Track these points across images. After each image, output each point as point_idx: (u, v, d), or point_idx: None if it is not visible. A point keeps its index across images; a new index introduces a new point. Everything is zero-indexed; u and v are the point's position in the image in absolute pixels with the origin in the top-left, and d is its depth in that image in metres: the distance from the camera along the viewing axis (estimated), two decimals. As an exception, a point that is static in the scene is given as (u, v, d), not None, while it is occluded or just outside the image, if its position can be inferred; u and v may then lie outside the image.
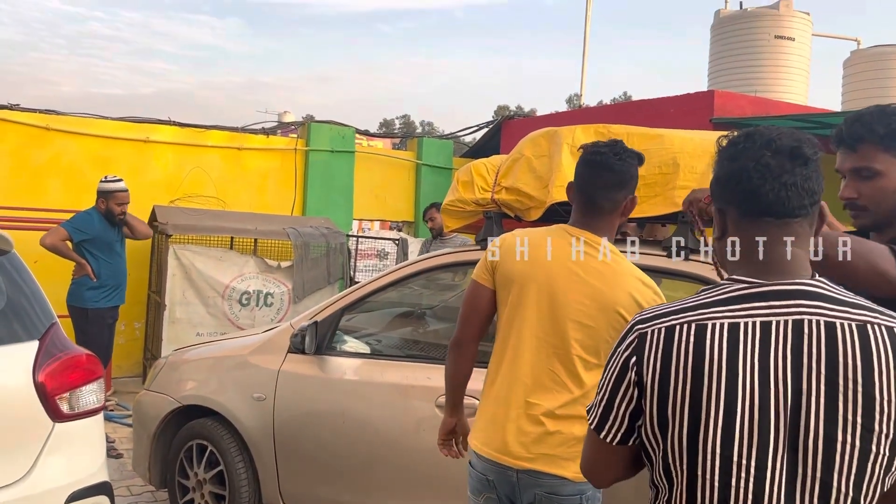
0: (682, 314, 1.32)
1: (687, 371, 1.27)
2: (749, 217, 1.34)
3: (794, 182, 1.30)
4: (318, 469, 3.46)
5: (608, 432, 1.38)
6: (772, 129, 1.36)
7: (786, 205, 1.30)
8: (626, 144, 2.97)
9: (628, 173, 2.26)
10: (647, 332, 1.33)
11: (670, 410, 1.28)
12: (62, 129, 6.99)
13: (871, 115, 1.95)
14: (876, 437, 1.22)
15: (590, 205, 2.26)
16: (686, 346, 1.28)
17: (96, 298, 5.38)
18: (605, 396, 1.38)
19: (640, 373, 1.32)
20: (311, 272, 6.85)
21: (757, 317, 1.27)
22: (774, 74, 9.02)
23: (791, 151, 1.31)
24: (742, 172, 1.32)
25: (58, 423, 2.59)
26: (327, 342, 3.55)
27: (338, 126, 8.55)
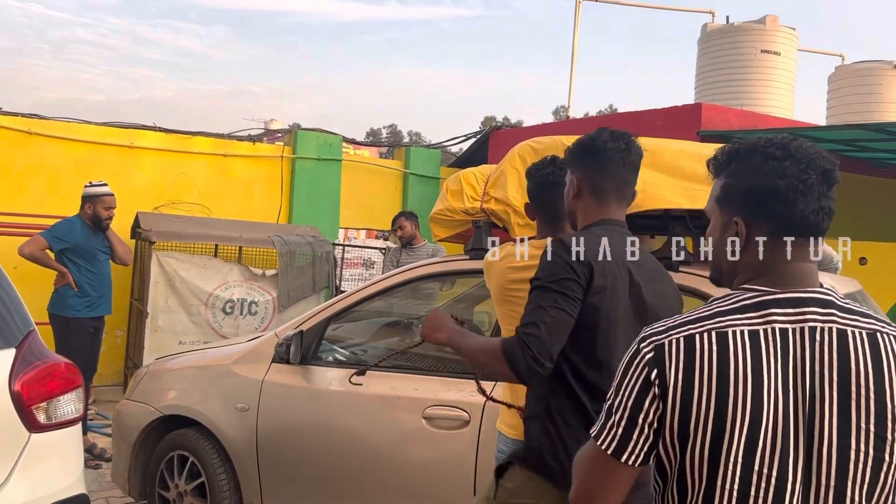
0: (700, 323, 1.29)
1: (712, 380, 1.24)
2: (782, 234, 1.32)
3: (828, 206, 1.31)
4: (303, 482, 3.40)
5: (630, 453, 1.30)
6: (807, 146, 1.33)
7: (819, 227, 1.32)
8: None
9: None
10: (663, 342, 1.29)
11: (693, 421, 1.24)
12: (45, 133, 6.91)
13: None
14: (888, 445, 1.22)
15: (556, 216, 2.42)
16: (709, 354, 1.25)
17: (78, 307, 5.27)
18: (625, 414, 1.31)
19: (664, 385, 1.27)
20: (296, 281, 6.78)
21: (776, 323, 1.26)
22: (760, 88, 9.08)
23: (825, 174, 1.31)
24: (788, 192, 1.29)
25: (34, 434, 2.52)
26: (312, 352, 3.50)
27: (325, 134, 8.51)
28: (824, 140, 6.60)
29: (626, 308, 2.04)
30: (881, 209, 7.66)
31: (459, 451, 2.99)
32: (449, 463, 2.99)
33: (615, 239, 2.08)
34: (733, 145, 1.41)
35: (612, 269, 2.02)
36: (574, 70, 9.80)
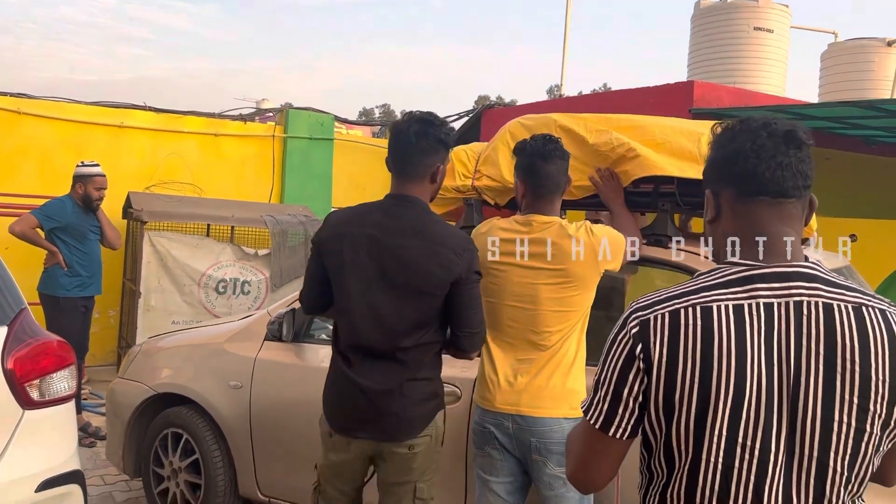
0: (684, 298, 1.31)
1: (696, 354, 1.26)
2: (745, 197, 1.34)
3: (788, 163, 1.32)
4: (296, 458, 3.43)
5: (617, 427, 1.34)
6: (767, 116, 1.37)
7: (781, 184, 1.32)
8: (606, 131, 2.99)
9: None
10: (649, 318, 1.32)
11: (678, 395, 1.27)
12: (34, 113, 6.85)
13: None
14: (870, 417, 1.24)
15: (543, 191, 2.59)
16: (693, 328, 1.27)
17: (68, 287, 5.26)
18: (611, 388, 1.34)
19: (648, 360, 1.29)
20: (288, 260, 6.78)
21: (760, 298, 1.28)
22: (753, 66, 9.06)
23: (786, 135, 1.33)
24: (739, 153, 1.33)
25: (28, 411, 2.53)
26: (305, 329, 3.52)
27: (316, 113, 8.47)
28: (816, 118, 6.60)
29: (362, 266, 2.36)
30: (872, 186, 7.69)
31: (450, 426, 3.02)
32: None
33: (368, 209, 2.45)
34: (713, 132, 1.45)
35: (349, 234, 2.39)
36: (567, 49, 9.76)
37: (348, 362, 2.41)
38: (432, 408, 2.45)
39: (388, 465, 2.44)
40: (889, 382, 1.24)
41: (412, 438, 2.40)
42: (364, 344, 2.38)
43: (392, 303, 2.34)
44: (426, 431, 2.43)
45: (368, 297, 2.36)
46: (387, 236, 2.36)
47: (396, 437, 2.39)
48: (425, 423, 2.42)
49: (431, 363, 2.45)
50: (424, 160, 2.42)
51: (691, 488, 1.28)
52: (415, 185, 2.44)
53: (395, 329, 2.34)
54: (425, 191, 2.47)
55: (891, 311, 1.30)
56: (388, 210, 2.42)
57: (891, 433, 1.27)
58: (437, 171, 2.47)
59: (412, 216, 2.39)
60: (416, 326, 2.36)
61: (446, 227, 2.46)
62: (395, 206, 2.42)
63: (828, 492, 1.25)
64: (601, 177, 2.93)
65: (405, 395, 2.37)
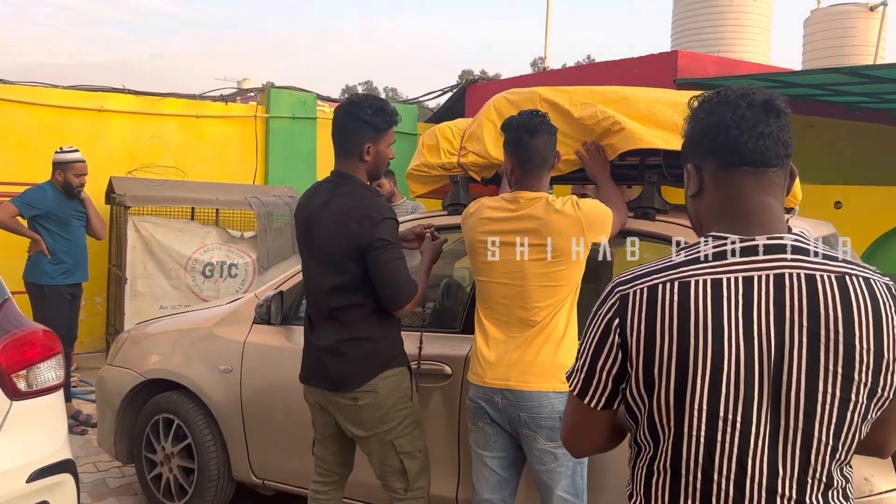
0: (664, 273, 1.31)
1: (673, 330, 1.26)
2: (728, 168, 1.33)
3: (770, 132, 1.31)
4: (289, 440, 3.43)
5: (592, 397, 1.36)
6: (744, 87, 1.36)
7: (764, 154, 1.31)
8: (591, 104, 2.97)
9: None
10: (628, 293, 1.32)
11: (657, 370, 1.27)
12: (11, 98, 6.74)
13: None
14: (855, 386, 1.24)
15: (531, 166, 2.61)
16: (670, 304, 1.27)
17: (53, 275, 5.21)
18: (587, 361, 1.36)
19: (624, 335, 1.30)
20: (275, 242, 6.75)
21: (739, 272, 1.27)
22: (737, 34, 9.02)
23: (765, 104, 1.32)
24: (720, 124, 1.32)
25: (15, 402, 2.51)
26: (294, 311, 3.50)
27: (298, 92, 8.37)
28: (800, 85, 6.60)
29: (302, 240, 2.78)
30: (856, 153, 7.72)
31: (441, 405, 3.03)
32: (432, 416, 3.03)
33: (314, 188, 2.77)
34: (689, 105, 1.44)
35: (298, 213, 2.79)
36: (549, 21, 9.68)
37: (310, 323, 2.78)
38: (373, 366, 2.65)
39: (340, 416, 2.72)
40: (874, 351, 1.24)
41: (351, 391, 2.64)
42: (311, 308, 2.79)
43: (317, 269, 2.70)
44: (368, 387, 2.63)
45: (307, 266, 2.79)
46: (313, 211, 2.70)
47: (337, 389, 2.66)
48: (364, 378, 2.63)
49: (369, 323, 2.65)
50: (352, 139, 2.65)
51: (676, 461, 1.29)
52: (346, 163, 2.68)
53: (322, 292, 2.67)
54: (358, 168, 2.68)
55: (875, 279, 1.29)
56: (320, 187, 2.76)
57: (878, 401, 1.28)
58: (364, 150, 2.64)
59: (331, 191, 2.68)
60: (340, 290, 2.63)
61: (354, 198, 2.63)
62: (327, 182, 2.74)
63: (813, 461, 1.25)
64: (587, 150, 2.91)
65: (341, 353, 2.65)
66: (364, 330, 2.65)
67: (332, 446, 2.86)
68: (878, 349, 1.25)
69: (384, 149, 2.70)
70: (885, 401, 1.29)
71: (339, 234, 2.60)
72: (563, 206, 2.51)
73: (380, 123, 2.65)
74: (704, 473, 1.27)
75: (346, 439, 2.85)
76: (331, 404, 2.73)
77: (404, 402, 2.71)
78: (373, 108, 2.63)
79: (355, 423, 2.70)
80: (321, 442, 2.89)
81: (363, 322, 2.65)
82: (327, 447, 2.87)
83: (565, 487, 2.50)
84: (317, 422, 2.87)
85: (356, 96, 2.73)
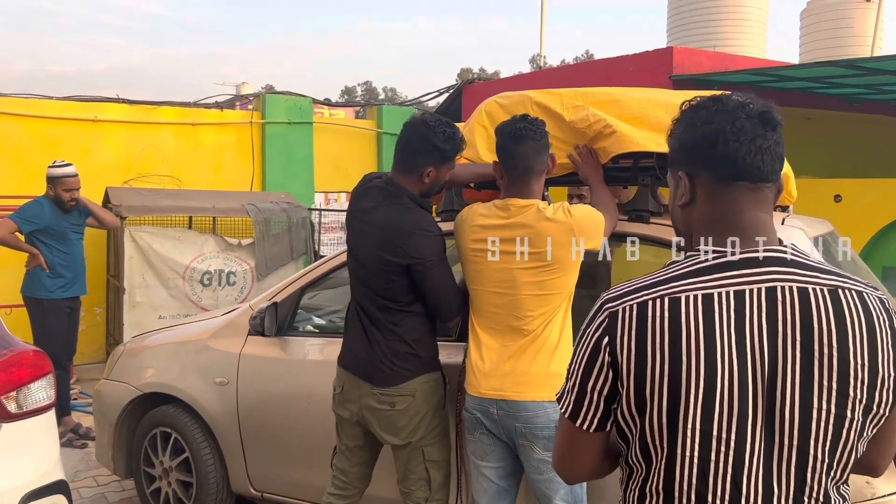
0: (654, 289, 1.27)
1: (664, 348, 1.22)
2: (724, 181, 1.29)
3: (768, 146, 1.28)
4: (288, 452, 3.41)
5: (584, 419, 1.32)
6: (741, 96, 1.32)
7: (761, 169, 1.28)
8: (583, 107, 2.94)
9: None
10: (617, 310, 1.28)
11: (648, 389, 1.23)
12: (6, 111, 6.73)
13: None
14: (850, 402, 1.21)
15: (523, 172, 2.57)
16: (661, 321, 1.23)
17: (51, 288, 5.19)
18: (577, 381, 1.32)
19: (615, 353, 1.26)
20: (273, 248, 6.72)
21: (730, 286, 1.24)
22: (733, 28, 8.98)
23: (762, 115, 1.29)
24: (718, 135, 1.28)
25: (6, 423, 2.48)
26: (288, 322, 3.48)
27: (294, 97, 8.34)
28: (797, 78, 6.55)
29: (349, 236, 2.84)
30: (855, 145, 7.67)
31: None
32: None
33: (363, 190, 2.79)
34: (679, 110, 1.39)
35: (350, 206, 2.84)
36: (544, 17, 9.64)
37: (356, 312, 2.79)
38: (414, 367, 2.66)
39: (374, 423, 2.70)
40: (868, 366, 1.21)
41: (386, 388, 2.65)
42: (357, 299, 2.79)
43: (361, 269, 2.73)
44: (406, 390, 2.64)
45: (352, 260, 2.80)
46: (359, 214, 2.75)
47: (370, 380, 2.68)
48: (398, 379, 2.65)
49: (408, 330, 2.67)
50: (416, 159, 2.64)
51: (669, 482, 1.26)
52: (403, 178, 2.69)
53: (364, 291, 2.72)
54: (414, 185, 2.68)
55: (868, 293, 1.26)
56: (370, 189, 2.76)
57: (874, 419, 1.24)
58: (425, 173, 2.64)
59: (380, 198, 2.69)
60: (382, 293, 2.66)
61: (403, 212, 2.64)
62: (377, 188, 2.74)
63: (809, 479, 1.22)
64: (579, 154, 2.88)
65: (381, 349, 2.67)
66: (403, 333, 2.68)
67: (356, 459, 2.85)
68: (872, 364, 1.22)
69: (443, 174, 2.71)
70: (881, 418, 1.25)
71: (383, 245, 2.62)
72: (555, 214, 2.48)
73: (448, 151, 2.65)
74: (698, 494, 1.24)
75: (370, 453, 2.86)
76: (366, 410, 2.71)
77: (438, 411, 2.74)
78: (445, 134, 2.62)
79: (391, 430, 2.69)
80: (344, 454, 2.87)
81: (406, 324, 2.68)
82: (350, 459, 2.85)
83: (564, 496, 2.47)
84: (343, 433, 2.85)
85: (430, 117, 2.68)
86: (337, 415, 2.84)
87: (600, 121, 2.84)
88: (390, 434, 2.70)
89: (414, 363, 2.68)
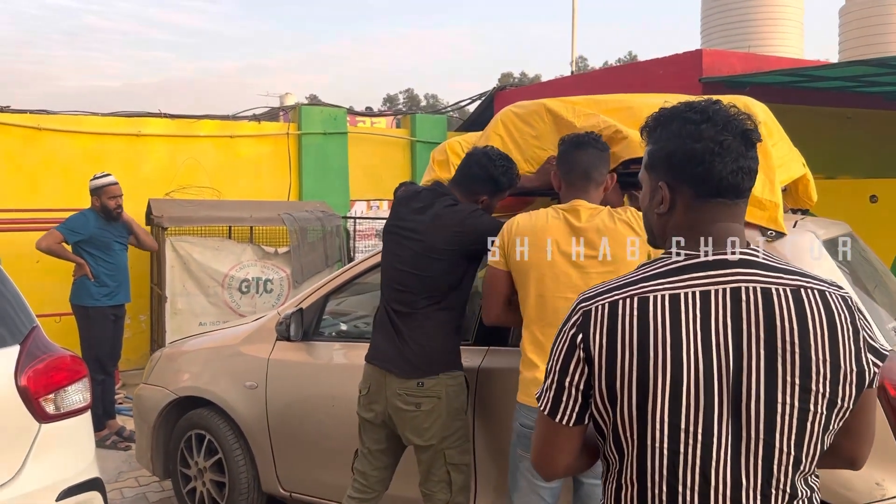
0: (624, 289, 1.34)
1: (633, 344, 1.29)
2: (704, 197, 1.35)
3: (747, 166, 1.34)
4: (314, 454, 3.52)
5: (562, 414, 1.38)
6: (726, 109, 1.36)
7: (739, 187, 1.34)
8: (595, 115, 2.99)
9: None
10: (590, 308, 1.35)
11: (618, 384, 1.30)
12: (53, 128, 7.03)
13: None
14: (814, 396, 1.26)
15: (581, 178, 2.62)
16: (630, 319, 1.30)
17: (97, 297, 5.42)
18: (555, 378, 1.38)
19: (588, 349, 1.33)
20: (308, 256, 6.88)
21: (696, 286, 1.30)
22: (768, 28, 8.87)
23: (744, 134, 1.34)
24: (704, 154, 1.32)
25: (44, 424, 2.64)
26: (314, 328, 3.59)
27: (329, 108, 8.52)
28: (831, 78, 6.46)
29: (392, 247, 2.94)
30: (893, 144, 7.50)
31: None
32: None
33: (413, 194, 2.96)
34: (658, 112, 1.43)
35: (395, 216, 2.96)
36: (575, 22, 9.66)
37: (386, 313, 2.90)
38: (441, 361, 2.77)
39: (401, 424, 2.78)
40: (830, 362, 1.26)
41: (413, 380, 2.74)
42: (390, 299, 2.91)
43: (403, 267, 2.84)
44: (429, 391, 2.73)
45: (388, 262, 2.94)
46: (406, 214, 2.90)
47: (398, 372, 2.77)
48: (425, 371, 2.74)
49: (436, 326, 2.78)
50: (473, 186, 2.87)
51: (642, 473, 1.32)
52: (461, 195, 2.88)
53: (403, 290, 2.83)
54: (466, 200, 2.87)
55: (830, 292, 1.31)
56: (419, 193, 2.95)
57: (839, 412, 1.29)
58: (480, 200, 2.86)
59: (432, 198, 2.87)
60: (420, 291, 2.78)
61: (454, 206, 2.82)
62: (429, 191, 2.95)
63: (776, 471, 1.27)
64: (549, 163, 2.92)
65: (409, 344, 2.77)
66: (435, 328, 2.78)
67: (378, 462, 2.92)
68: (834, 360, 1.27)
69: (495, 203, 2.92)
70: (845, 411, 1.30)
71: (440, 236, 2.76)
72: (626, 215, 2.49)
73: (503, 183, 2.86)
74: (669, 485, 1.30)
75: (392, 457, 2.93)
76: (392, 411, 2.79)
77: (461, 414, 2.82)
78: (504, 167, 2.85)
79: (416, 430, 2.76)
80: (367, 457, 2.93)
81: (435, 320, 2.78)
82: (372, 463, 2.92)
83: None
84: (366, 436, 2.93)
85: (492, 150, 2.91)
86: (361, 417, 2.92)
87: (610, 126, 2.90)
88: (415, 435, 2.77)
89: (441, 358, 2.78)
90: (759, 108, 2.88)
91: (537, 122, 3.15)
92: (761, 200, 2.60)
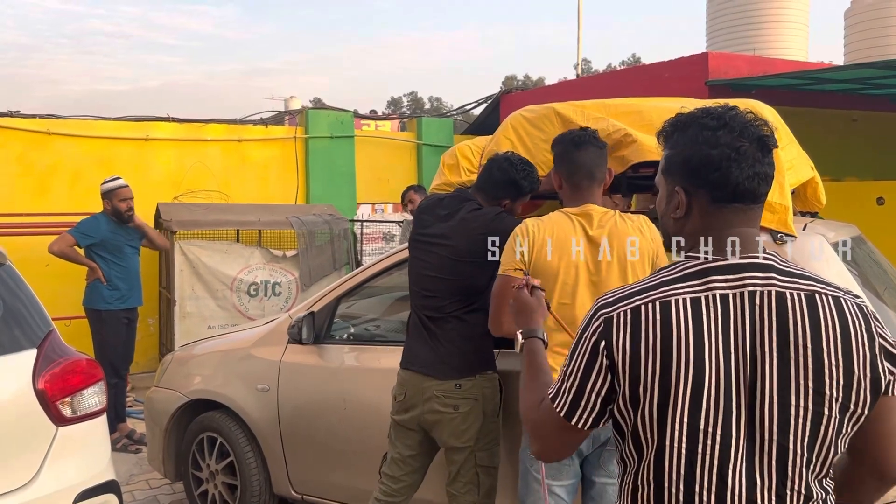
0: (645, 294, 1.36)
1: (656, 348, 1.31)
2: (720, 203, 1.37)
3: (764, 171, 1.35)
4: (327, 456, 3.54)
5: (579, 418, 1.40)
6: (743, 115, 1.38)
7: (755, 192, 1.36)
8: (604, 118, 3.01)
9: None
10: (612, 315, 1.37)
11: (641, 388, 1.32)
12: (63, 132, 7.07)
13: None
14: (827, 400, 1.28)
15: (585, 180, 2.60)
16: (653, 325, 1.32)
17: (110, 300, 5.45)
18: (576, 383, 1.40)
19: (612, 356, 1.35)
20: (316, 259, 6.92)
21: (716, 290, 1.32)
22: (773, 31, 8.88)
23: (760, 140, 1.36)
24: (721, 160, 1.34)
25: (61, 427, 2.67)
26: (326, 331, 3.61)
27: (336, 111, 8.56)
28: (837, 81, 6.48)
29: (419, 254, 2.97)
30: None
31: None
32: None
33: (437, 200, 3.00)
34: (676, 117, 1.45)
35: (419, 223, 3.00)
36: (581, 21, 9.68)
37: (419, 318, 2.93)
38: (470, 362, 2.79)
39: (438, 427, 2.79)
40: (843, 367, 1.28)
41: (451, 382, 2.76)
42: (422, 306, 2.93)
43: (433, 273, 2.87)
44: (467, 393, 2.75)
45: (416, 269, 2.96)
46: (437, 220, 2.93)
47: (435, 374, 2.79)
48: (462, 372, 2.77)
49: (469, 327, 2.80)
50: (496, 191, 2.89)
51: (659, 473, 1.34)
52: (484, 200, 2.91)
53: (435, 296, 2.86)
54: (489, 204, 2.90)
55: (845, 298, 1.33)
56: (442, 200, 2.98)
57: (852, 417, 1.31)
58: (502, 205, 2.87)
59: (457, 204, 2.90)
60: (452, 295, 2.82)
61: (479, 210, 2.86)
62: (452, 197, 2.98)
63: (790, 473, 1.29)
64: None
65: (444, 346, 2.81)
66: (468, 330, 2.81)
67: (408, 468, 2.92)
68: (847, 365, 1.29)
69: (517, 207, 2.94)
70: (859, 416, 1.32)
71: (467, 239, 2.79)
72: (643, 224, 2.50)
73: (525, 187, 2.88)
74: (686, 485, 1.32)
75: (422, 463, 2.93)
76: (430, 414, 2.79)
77: (494, 417, 2.84)
78: (525, 171, 2.88)
79: (454, 433, 2.77)
80: (396, 462, 2.92)
81: (468, 323, 2.81)
82: (402, 468, 2.92)
83: None
84: (398, 442, 2.92)
85: (513, 156, 2.94)
86: (394, 421, 2.91)
87: (619, 130, 2.92)
88: (454, 437, 2.77)
89: (477, 358, 2.81)
90: (767, 111, 2.89)
91: (547, 125, 3.17)
92: (771, 203, 2.62)
